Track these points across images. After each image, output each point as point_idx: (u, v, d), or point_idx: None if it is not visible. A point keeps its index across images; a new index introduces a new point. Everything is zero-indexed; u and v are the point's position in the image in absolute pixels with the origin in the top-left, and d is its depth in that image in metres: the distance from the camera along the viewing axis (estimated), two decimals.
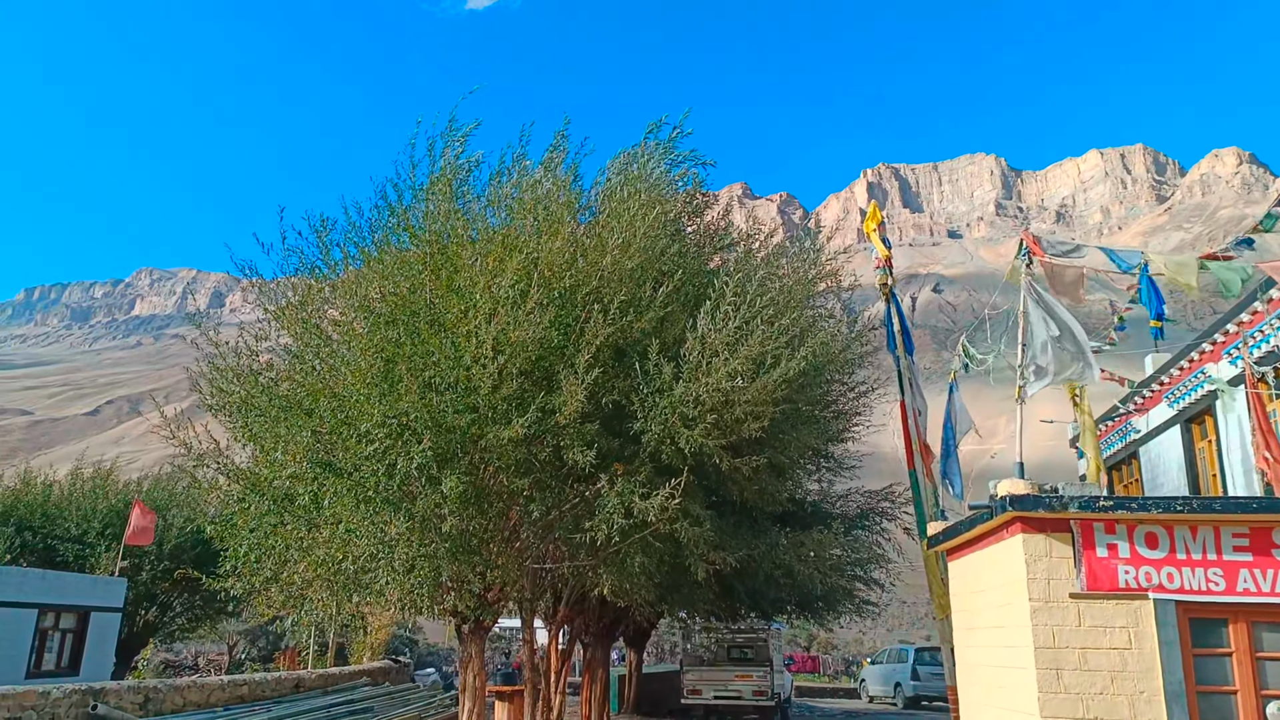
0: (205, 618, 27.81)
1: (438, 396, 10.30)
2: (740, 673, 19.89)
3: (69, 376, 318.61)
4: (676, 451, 10.74)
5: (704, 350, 10.66)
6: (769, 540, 13.74)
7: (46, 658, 19.22)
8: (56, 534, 24.69)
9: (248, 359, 12.38)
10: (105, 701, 12.32)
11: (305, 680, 17.57)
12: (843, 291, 15.50)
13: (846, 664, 48.42)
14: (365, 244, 12.15)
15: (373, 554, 10.99)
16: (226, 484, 12.42)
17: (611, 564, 11.85)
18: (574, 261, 10.96)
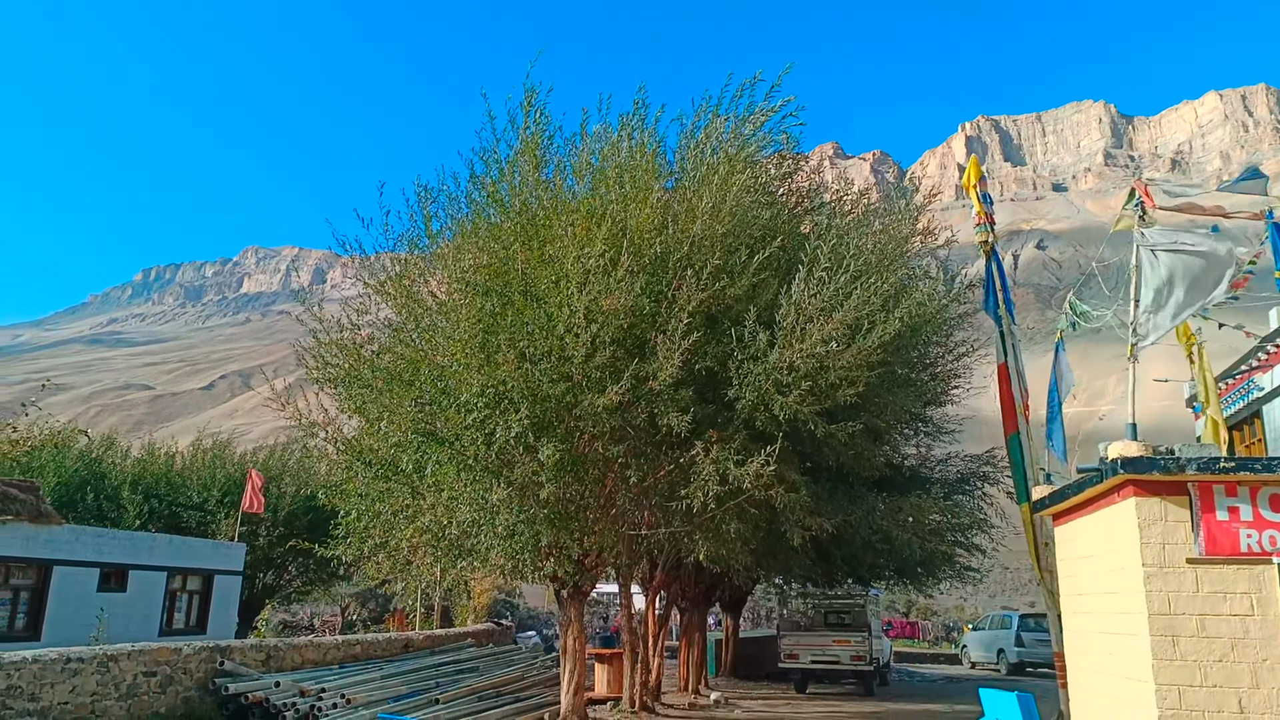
0: (319, 581, 29.16)
1: (533, 366, 10.46)
2: (838, 638, 19.78)
3: (185, 353, 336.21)
4: (771, 418, 10.65)
5: (798, 316, 10.50)
6: (866, 506, 13.55)
7: (176, 617, 20.52)
8: (180, 501, 26.22)
9: (350, 333, 12.81)
10: (231, 658, 13.09)
11: (414, 641, 18.29)
12: (939, 251, 15.03)
13: (947, 630, 47.63)
14: (460, 216, 12.35)
15: (475, 520, 11.32)
16: (335, 454, 12.94)
17: (707, 530, 11.88)
18: (663, 228, 10.90)
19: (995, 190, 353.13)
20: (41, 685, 10.16)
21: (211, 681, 12.53)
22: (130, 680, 11.30)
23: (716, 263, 10.65)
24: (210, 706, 12.24)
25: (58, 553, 16.95)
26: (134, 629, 18.09)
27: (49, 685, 10.25)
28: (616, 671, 16.67)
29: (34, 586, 16.59)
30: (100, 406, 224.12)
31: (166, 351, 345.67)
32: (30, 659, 10.15)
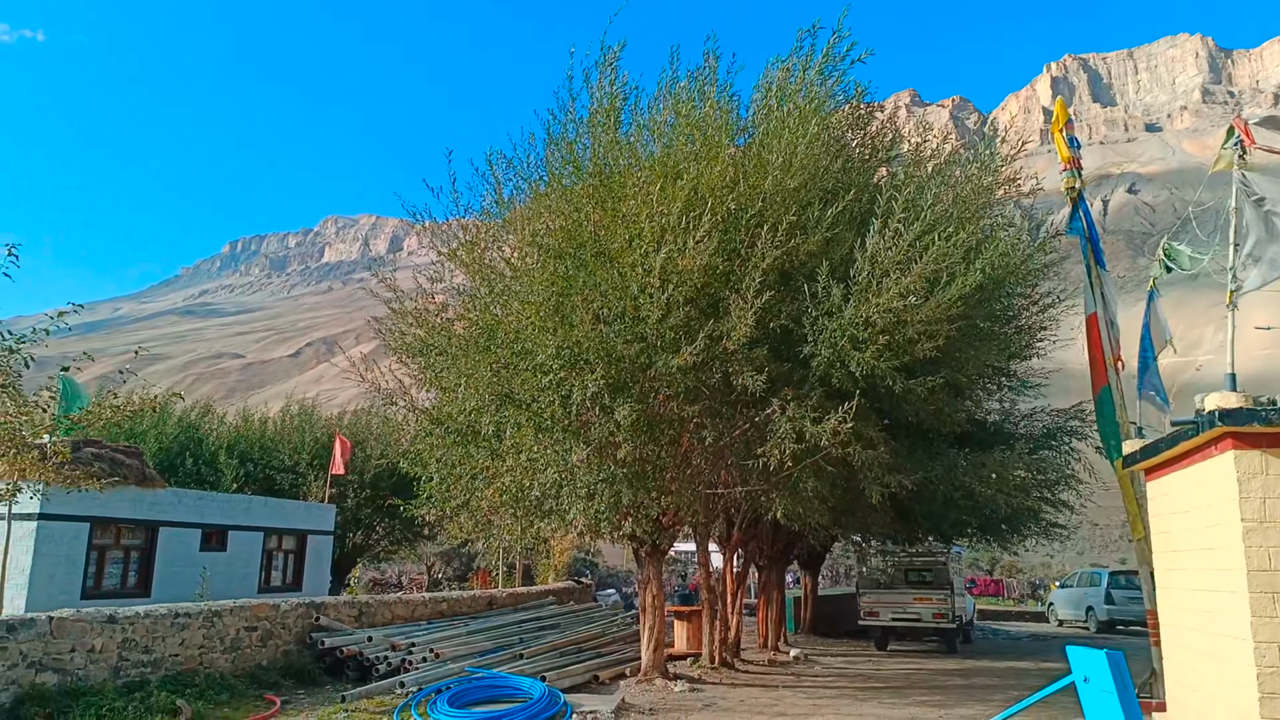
0: (405, 541, 30.13)
1: (608, 327, 10.48)
2: (919, 595, 19.57)
3: (272, 322, 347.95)
4: (847, 375, 10.49)
5: (874, 270, 10.26)
6: (947, 462, 13.29)
7: (274, 575, 21.47)
8: (273, 465, 27.30)
9: (425, 300, 13.03)
10: (326, 614, 13.65)
11: (497, 599, 18.78)
12: (1024, 198, 14.45)
13: (1033, 588, 46.69)
14: (533, 179, 12.37)
15: (556, 480, 11.48)
16: (415, 421, 13.25)
17: (784, 488, 11.83)
18: (735, 185, 10.74)
19: (1083, 133, 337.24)
20: (154, 638, 10.77)
21: (308, 636, 13.09)
22: (234, 634, 11.89)
23: (790, 218, 10.46)
24: (308, 659, 12.81)
25: (162, 514, 17.85)
26: (235, 587, 19.00)
27: (160, 638, 10.86)
28: (695, 628, 16.83)
29: (142, 546, 17.53)
30: (195, 375, 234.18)
31: (254, 321, 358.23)
32: (143, 614, 10.76)
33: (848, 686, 13.86)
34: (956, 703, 12.13)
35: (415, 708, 10.00)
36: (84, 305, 12.73)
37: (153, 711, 9.39)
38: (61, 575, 15.50)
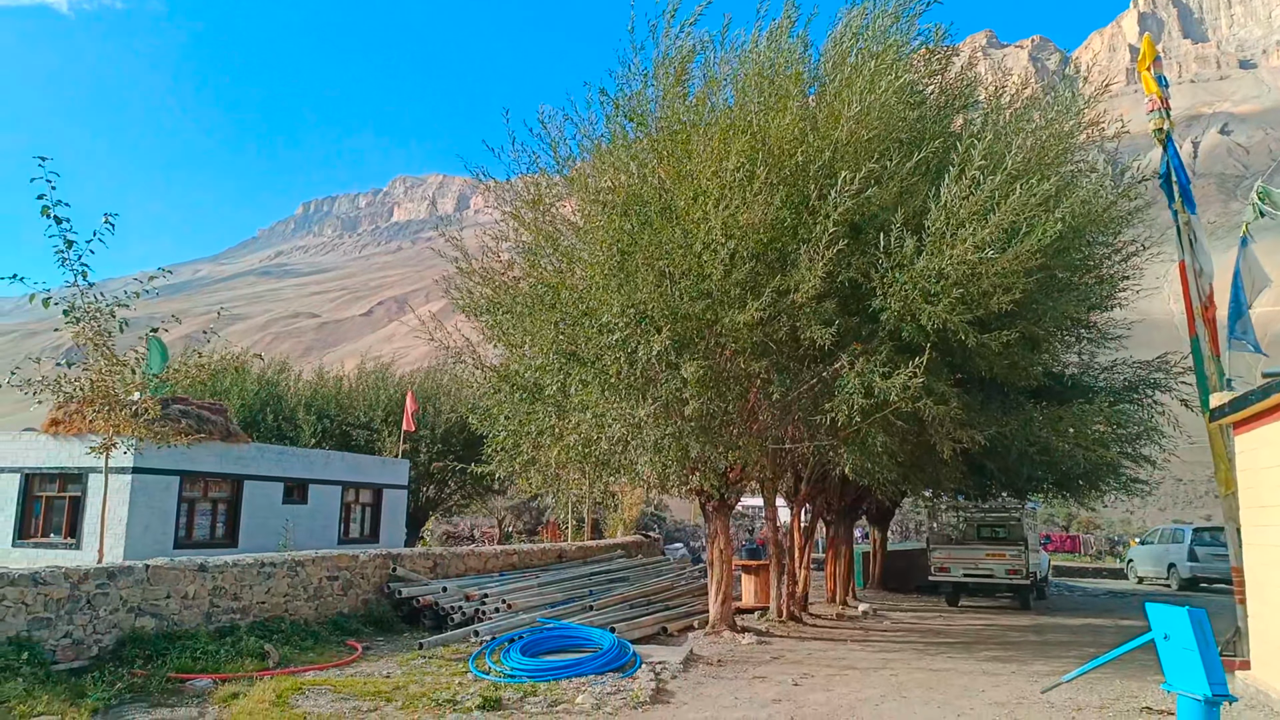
0: (476, 495, 30.84)
1: (672, 284, 10.43)
2: (992, 551, 19.28)
3: (344, 281, 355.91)
4: (918, 328, 10.26)
5: (948, 221, 9.96)
6: (1022, 416, 12.97)
7: (352, 527, 22.24)
8: (349, 421, 28.13)
9: (491, 259, 13.13)
10: (402, 565, 14.08)
11: (567, 552, 19.12)
12: (1108, 142, 13.80)
13: (1111, 544, 45.62)
14: (596, 136, 12.27)
15: (624, 436, 11.56)
16: (481, 379, 13.45)
17: (852, 443, 11.70)
18: (804, 137, 10.49)
19: (1172, 71, 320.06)
20: (242, 586, 11.27)
21: (386, 586, 13.55)
22: (316, 583, 12.37)
23: (860, 171, 10.19)
24: (386, 608, 13.26)
25: (246, 468, 18.58)
26: (315, 538, 19.74)
27: (248, 586, 11.36)
28: (763, 582, 16.91)
29: (229, 499, 18.30)
30: (274, 334, 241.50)
31: (328, 281, 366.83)
32: (231, 563, 11.25)
33: (917, 641, 13.80)
34: (1030, 658, 11.98)
35: (490, 655, 10.29)
36: (170, 269, 13.18)
37: (242, 655, 9.86)
38: (155, 526, 16.29)
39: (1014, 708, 8.67)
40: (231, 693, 8.48)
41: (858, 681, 9.97)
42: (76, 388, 12.35)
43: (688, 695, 8.96)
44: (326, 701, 8.21)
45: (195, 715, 7.87)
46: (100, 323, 12.07)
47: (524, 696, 8.53)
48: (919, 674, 10.60)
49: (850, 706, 8.58)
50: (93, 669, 9.07)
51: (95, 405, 12.46)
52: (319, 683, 8.97)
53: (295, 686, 8.67)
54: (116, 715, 7.81)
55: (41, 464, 16.82)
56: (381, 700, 8.25)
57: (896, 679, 10.21)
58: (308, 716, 7.56)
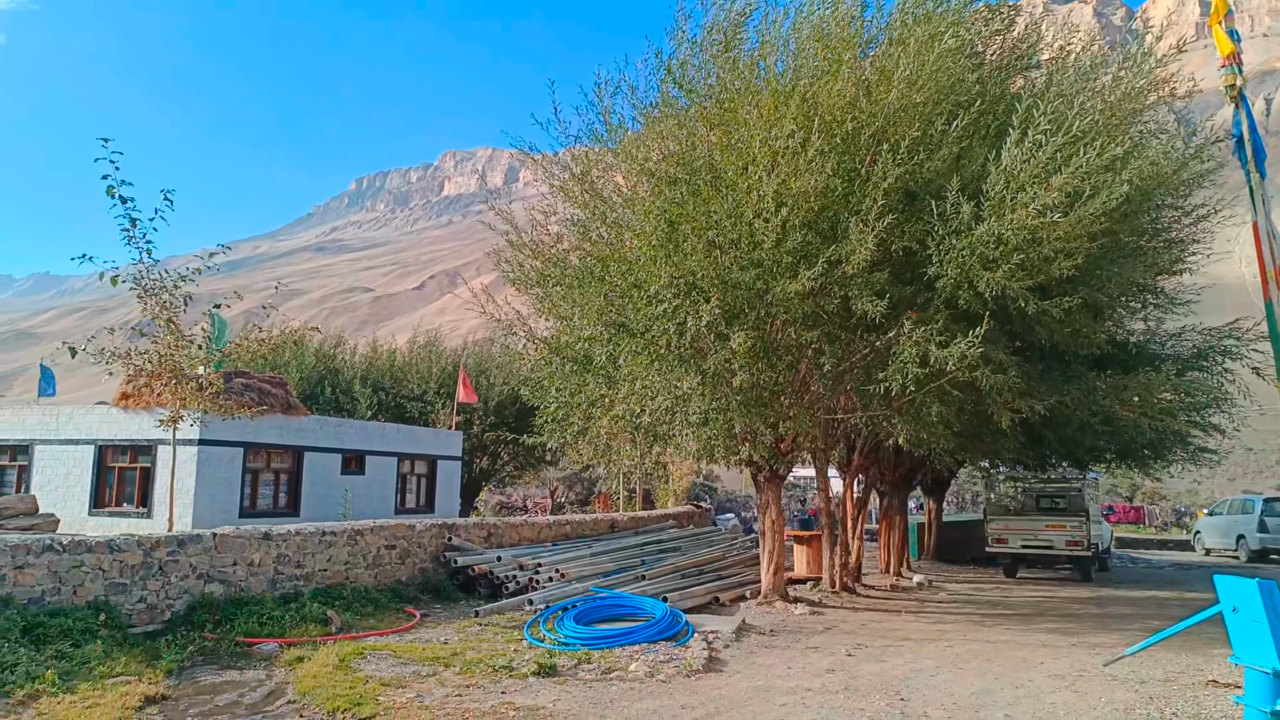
0: (529, 466, 31.21)
1: (722, 254, 10.33)
2: (1051, 522, 18.92)
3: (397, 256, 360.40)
4: (976, 296, 10.03)
5: (1008, 185, 9.68)
6: (1084, 385, 12.64)
7: (408, 498, 22.69)
8: (403, 393, 28.61)
9: (539, 232, 13.14)
10: (457, 535, 14.33)
11: (618, 522, 19.27)
12: (1177, 101, 13.25)
13: (1177, 515, 44.52)
14: (643, 106, 12.15)
15: (668, 408, 11.56)
16: (533, 350, 13.54)
17: (906, 414, 11.54)
18: (856, 102, 10.26)
19: (1244, 25, 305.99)
20: (304, 554, 11.58)
21: (442, 555, 13.80)
22: (375, 552, 12.65)
23: (914, 134, 9.94)
24: (442, 576, 13.53)
25: (306, 440, 19.03)
26: (373, 508, 20.18)
27: (310, 554, 11.67)
28: (815, 553, 16.86)
29: (290, 470, 18.77)
30: (330, 309, 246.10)
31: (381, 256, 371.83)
32: (294, 531, 11.56)
33: (974, 613, 13.65)
34: (1090, 631, 11.77)
35: (544, 623, 10.44)
36: (230, 246, 13.47)
37: (306, 620, 10.15)
38: (221, 495, 16.80)
39: (1074, 680, 8.53)
40: (297, 656, 8.75)
41: (912, 652, 9.91)
42: (145, 360, 12.73)
43: (740, 664, 9.00)
44: (387, 666, 8.41)
45: (263, 678, 8.13)
46: (166, 298, 12.41)
47: (578, 664, 8.64)
48: (975, 646, 10.49)
49: (904, 677, 8.53)
50: (166, 632, 9.43)
51: (163, 379, 12.84)
52: (380, 648, 9.20)
53: (357, 651, 8.91)
54: (189, 676, 8.11)
55: (113, 436, 17.42)
56: (440, 665, 8.43)
57: (952, 650, 10.12)
58: (370, 680, 7.76)
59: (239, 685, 7.85)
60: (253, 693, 7.60)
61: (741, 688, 7.95)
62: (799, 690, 7.88)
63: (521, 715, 6.82)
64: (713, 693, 7.71)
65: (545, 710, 6.98)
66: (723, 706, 7.23)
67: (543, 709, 7.01)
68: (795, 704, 7.36)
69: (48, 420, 18.23)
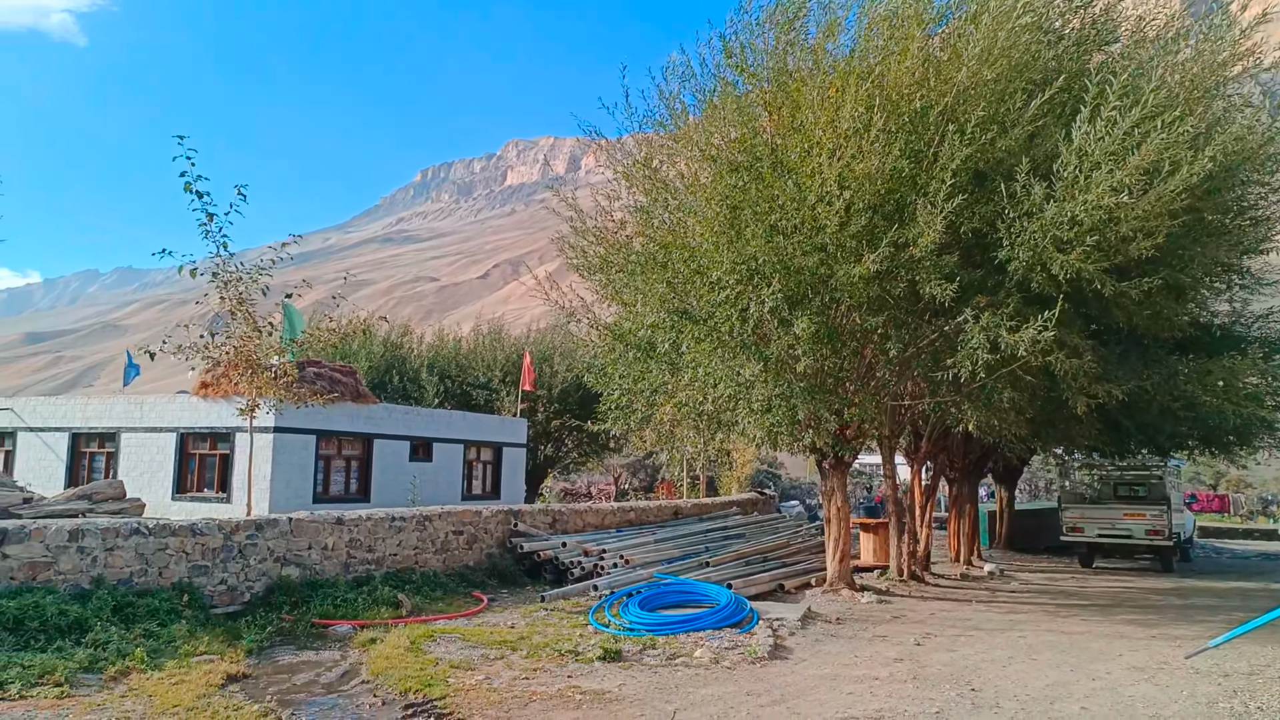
0: (592, 453, 31.42)
1: (784, 239, 10.22)
2: (1130, 511, 18.34)
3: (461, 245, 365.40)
4: (1049, 279, 9.75)
5: (1082, 164, 9.37)
6: (1165, 370, 12.22)
7: (474, 484, 23.04)
8: (469, 381, 29.04)
9: (603, 219, 13.17)
10: (523, 520, 14.52)
11: (682, 509, 19.29)
12: (1263, 73, 12.63)
13: (1264, 504, 42.76)
14: (705, 92, 12.06)
15: (731, 395, 11.51)
16: (597, 337, 13.60)
17: (976, 400, 11.30)
18: (924, 81, 10.03)
19: None
20: (375, 539, 11.87)
21: (508, 540, 14.00)
22: (443, 537, 12.90)
23: (983, 114, 9.68)
24: (509, 561, 13.72)
25: (375, 427, 19.46)
26: (440, 494, 20.55)
27: (381, 539, 11.95)
28: (882, 541, 16.64)
29: (360, 456, 19.23)
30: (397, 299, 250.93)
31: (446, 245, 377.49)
32: (365, 517, 11.86)
33: (1048, 603, 13.33)
34: (1171, 622, 11.40)
35: (609, 608, 10.52)
36: (300, 237, 13.79)
37: (378, 603, 10.41)
38: (296, 481, 17.29)
39: (1154, 672, 8.28)
40: (370, 638, 8.98)
41: (983, 642, 9.72)
42: (223, 353, 13.15)
43: (806, 652, 8.95)
44: (456, 648, 8.58)
45: (338, 658, 8.37)
46: (242, 290, 12.79)
47: (643, 649, 8.70)
48: (1049, 636, 10.25)
49: (975, 667, 8.38)
50: (245, 613, 9.77)
51: (240, 369, 13.25)
52: (449, 631, 9.39)
53: (427, 634, 9.11)
54: (268, 656, 8.39)
55: (194, 424, 18.07)
56: (507, 649, 8.56)
57: (1025, 641, 9.90)
58: (439, 662, 7.93)
59: (315, 665, 8.10)
60: (329, 672, 7.83)
61: (807, 675, 7.91)
62: (866, 679, 7.80)
63: (588, 699, 6.89)
64: (778, 680, 7.69)
65: (611, 694, 7.05)
66: (789, 694, 7.20)
67: (609, 693, 7.08)
68: (862, 692, 7.30)
69: (133, 409, 18.98)
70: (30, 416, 20.24)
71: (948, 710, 6.80)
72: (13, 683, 6.62)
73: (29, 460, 19.87)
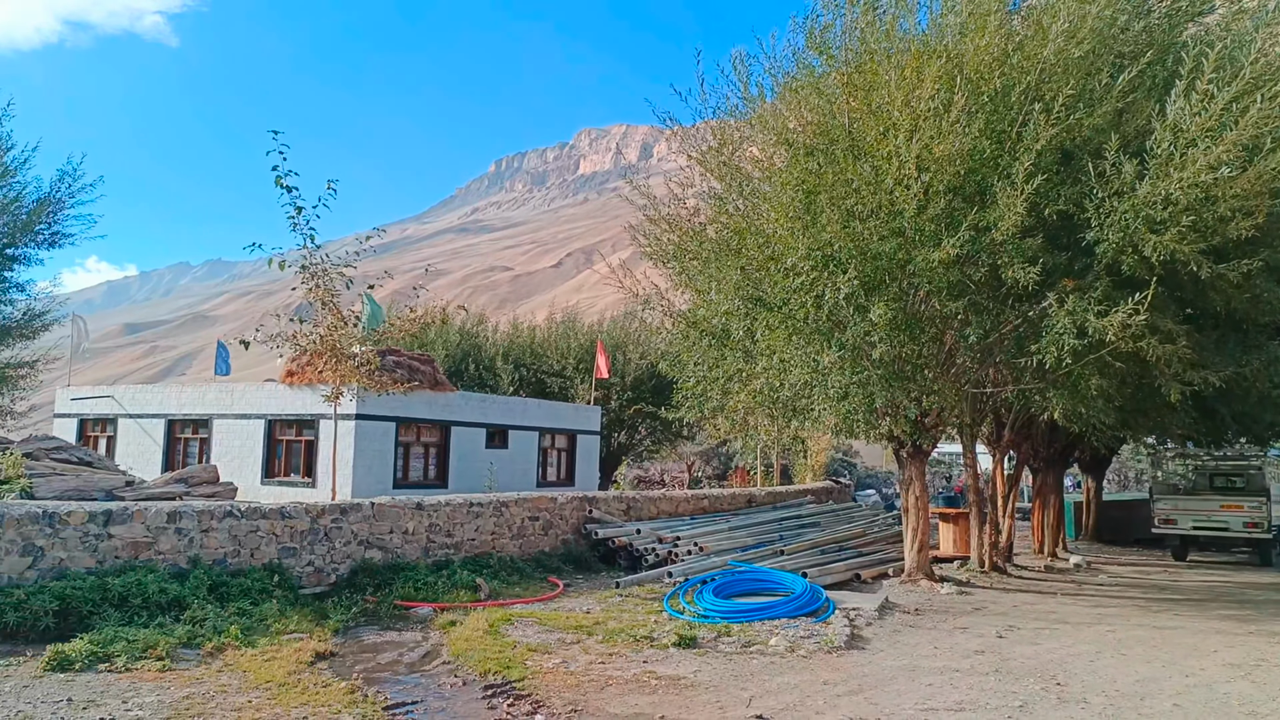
0: (665, 440, 31.47)
1: (861, 224, 10.05)
2: (1227, 503, 17.56)
3: (535, 235, 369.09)
4: (1140, 261, 9.38)
5: (1176, 140, 8.96)
6: (1265, 356, 11.65)
7: (549, 471, 23.32)
8: (543, 369, 29.37)
9: (676, 207, 13.14)
10: (597, 507, 14.65)
11: (756, 497, 19.21)
12: None
13: None
14: (780, 74, 11.91)
15: (807, 382, 11.39)
16: (670, 326, 13.60)
17: (1062, 387, 10.94)
18: (1005, 58, 9.71)
19: None
20: (454, 524, 12.14)
21: (583, 527, 14.16)
22: (519, 523, 13.12)
23: (1070, 91, 9.33)
24: (584, 548, 13.88)
25: (453, 415, 19.85)
26: (516, 481, 20.86)
27: (459, 524, 12.22)
28: (962, 531, 16.29)
29: (438, 443, 19.65)
30: (472, 288, 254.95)
31: (519, 235, 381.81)
32: (443, 502, 12.13)
33: (1138, 597, 12.87)
34: (1270, 618, 10.90)
35: (683, 595, 10.56)
36: (383, 229, 14.14)
37: (457, 587, 10.65)
38: (377, 467, 17.78)
39: (1251, 670, 7.94)
40: (449, 620, 9.20)
41: (1069, 636, 9.45)
42: (309, 342, 13.58)
43: (884, 643, 8.83)
44: (533, 632, 8.73)
45: (419, 639, 8.60)
46: (327, 281, 13.18)
47: (718, 636, 8.71)
48: (1140, 631, 9.90)
49: (1061, 661, 8.15)
50: (331, 594, 10.11)
51: (325, 358, 13.67)
52: (525, 615, 9.56)
53: (505, 618, 9.28)
54: (354, 636, 8.67)
55: (281, 411, 18.71)
56: (583, 634, 8.67)
57: (1114, 635, 9.59)
58: (517, 645, 8.08)
59: (398, 645, 8.34)
60: (411, 653, 8.06)
61: (886, 666, 7.81)
62: (946, 670, 7.67)
63: (663, 684, 6.94)
64: (856, 670, 7.61)
65: (687, 680, 7.08)
66: (866, 684, 7.12)
67: (684, 679, 7.11)
68: (943, 684, 7.17)
69: (224, 396, 19.76)
70: (129, 404, 21.27)
71: (1032, 704, 6.64)
72: (120, 655, 7.00)
73: (129, 445, 20.87)
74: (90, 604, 7.93)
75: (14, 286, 19.03)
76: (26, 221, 18.24)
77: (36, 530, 8.25)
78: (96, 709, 5.84)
